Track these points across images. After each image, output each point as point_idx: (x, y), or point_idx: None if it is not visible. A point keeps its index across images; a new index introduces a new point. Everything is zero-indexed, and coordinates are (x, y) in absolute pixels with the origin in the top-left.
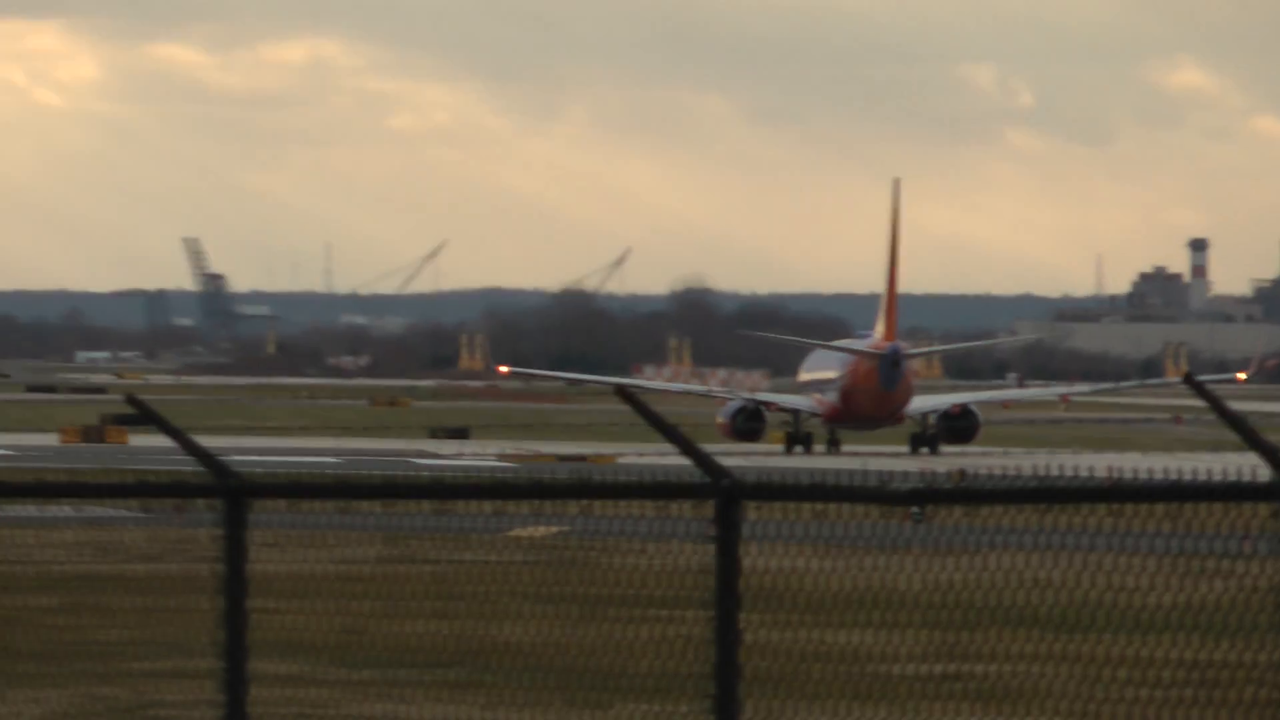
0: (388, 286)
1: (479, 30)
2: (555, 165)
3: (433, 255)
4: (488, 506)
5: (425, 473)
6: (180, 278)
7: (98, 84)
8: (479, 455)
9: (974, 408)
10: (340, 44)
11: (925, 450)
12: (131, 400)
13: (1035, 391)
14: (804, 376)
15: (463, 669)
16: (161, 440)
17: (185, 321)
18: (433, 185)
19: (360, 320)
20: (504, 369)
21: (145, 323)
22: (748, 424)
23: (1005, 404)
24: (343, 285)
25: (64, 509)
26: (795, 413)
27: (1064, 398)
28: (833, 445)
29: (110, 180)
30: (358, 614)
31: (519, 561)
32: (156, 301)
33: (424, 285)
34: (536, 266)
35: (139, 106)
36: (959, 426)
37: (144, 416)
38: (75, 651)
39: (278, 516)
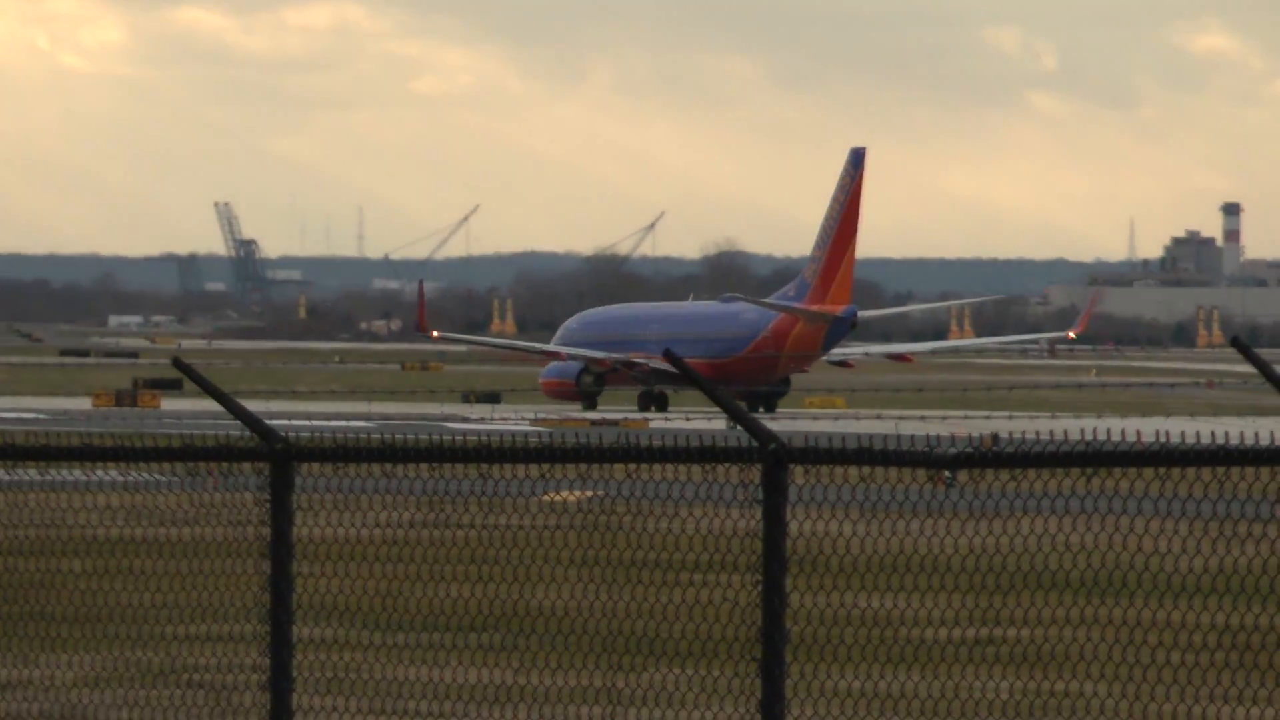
0: (420, 251)
1: None
2: (581, 130)
3: (465, 220)
4: (534, 470)
5: (469, 436)
6: (212, 242)
7: (121, 48)
8: (512, 419)
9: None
10: (363, 7)
11: (762, 410)
12: (177, 363)
13: (854, 350)
14: (599, 333)
15: (499, 633)
16: (195, 404)
17: (217, 286)
18: (460, 150)
19: (393, 285)
20: (435, 334)
21: (177, 287)
22: (596, 385)
23: (848, 363)
24: (375, 250)
25: (109, 473)
26: (653, 372)
27: (905, 356)
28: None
29: (137, 145)
30: (396, 578)
31: (556, 526)
32: (188, 266)
33: (456, 250)
34: (568, 231)
35: (163, 70)
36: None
37: (190, 379)
38: (110, 615)
39: (321, 481)
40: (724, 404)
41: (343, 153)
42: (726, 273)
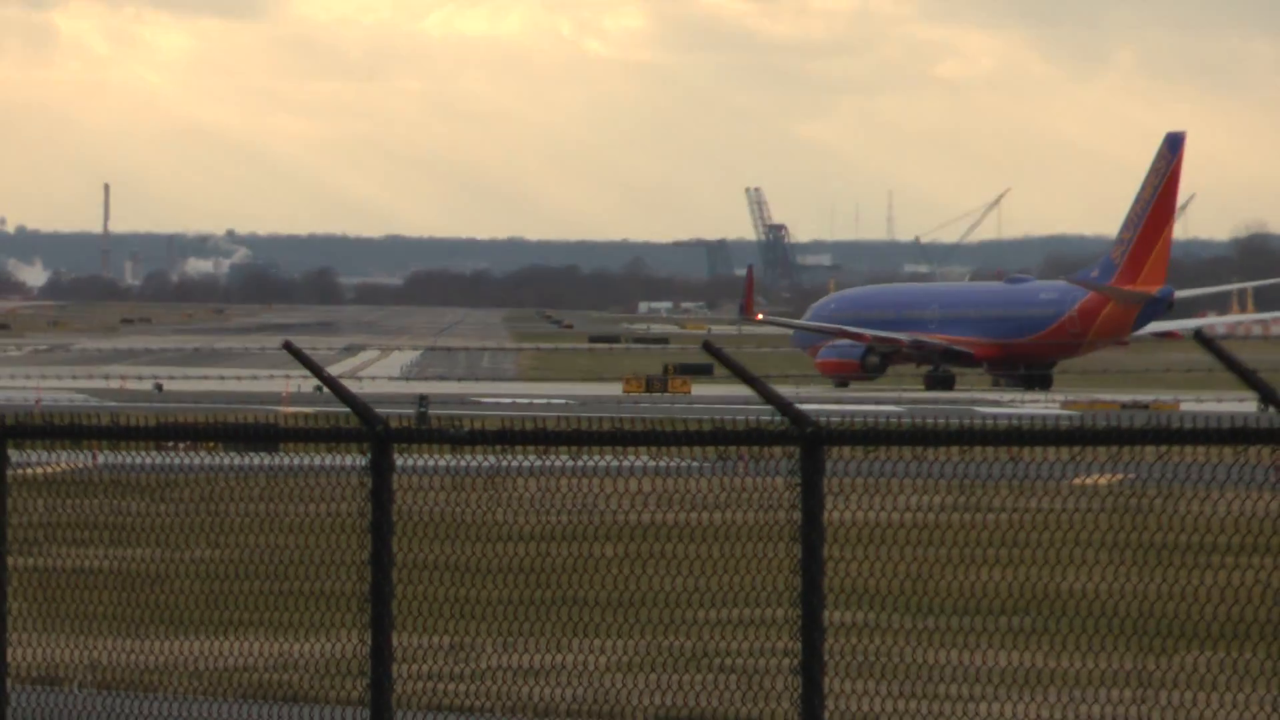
0: (950, 234)
1: None
2: (1106, 112)
3: (996, 202)
4: (1064, 453)
5: (999, 419)
6: (741, 227)
7: (644, 34)
8: (1041, 402)
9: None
10: None
11: (1037, 388)
12: (708, 347)
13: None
14: (873, 313)
15: (1030, 617)
16: (726, 389)
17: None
18: (985, 133)
19: (923, 269)
20: (760, 316)
21: (706, 273)
22: (882, 364)
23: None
24: (904, 234)
25: (640, 459)
26: (942, 352)
27: (1174, 334)
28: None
29: (663, 131)
30: (927, 562)
31: (1087, 509)
32: (717, 252)
33: (986, 233)
34: (1097, 214)
35: (687, 56)
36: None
37: (721, 362)
38: (641, 600)
39: (851, 465)
40: (1259, 386)
41: (869, 137)
42: (1257, 254)
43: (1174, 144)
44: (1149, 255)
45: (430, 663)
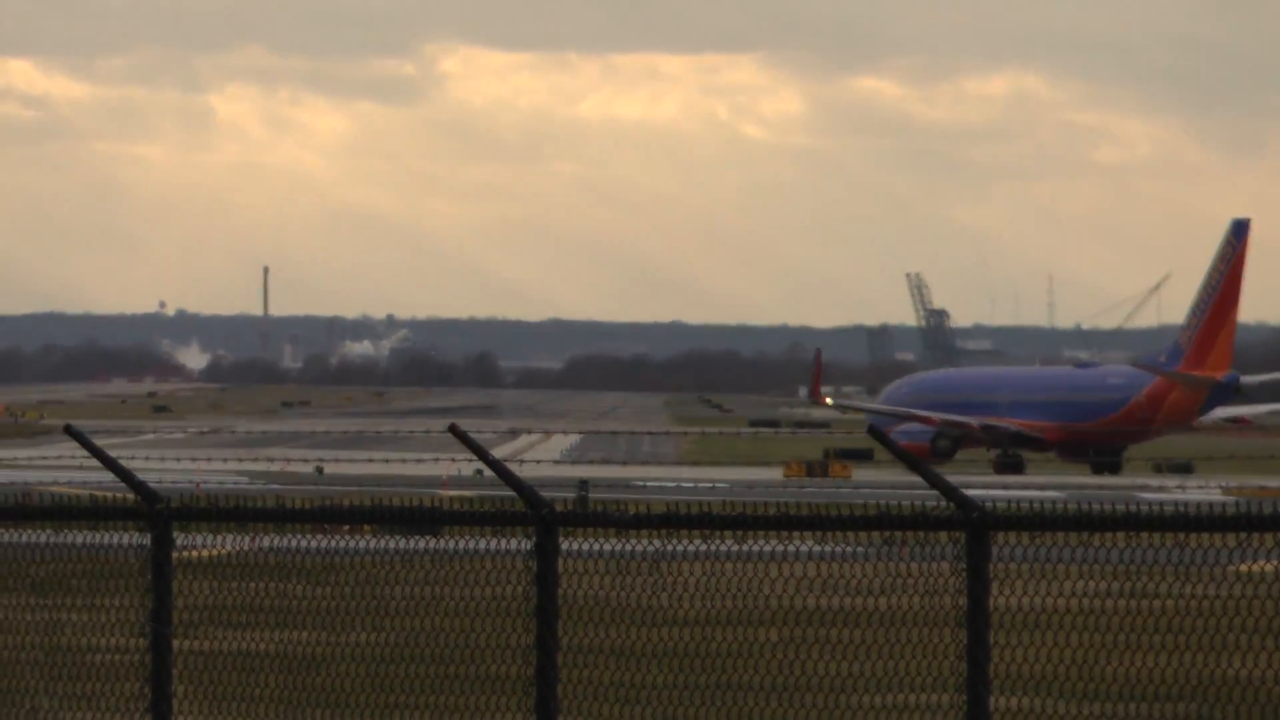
0: (1109, 321)
1: (1175, 63)
2: (1263, 198)
3: (1156, 288)
4: (1230, 539)
5: (1166, 505)
6: (901, 312)
7: (802, 118)
8: (1203, 489)
9: None
10: (1043, 78)
11: (1106, 473)
12: (873, 431)
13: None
14: (937, 395)
15: (1194, 703)
16: (886, 474)
17: (907, 356)
18: (1144, 219)
19: (1082, 355)
20: (827, 400)
21: (867, 358)
22: (952, 448)
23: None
24: (1065, 320)
25: (805, 543)
26: (1011, 435)
27: (1243, 419)
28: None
29: (821, 215)
30: (1091, 648)
31: (1254, 596)
32: (878, 337)
33: (1147, 319)
34: (1260, 300)
35: (843, 140)
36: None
37: (883, 445)
38: (805, 685)
39: (1017, 550)
40: None
41: (1027, 222)
42: None
43: (1239, 230)
44: (1215, 340)
45: None
